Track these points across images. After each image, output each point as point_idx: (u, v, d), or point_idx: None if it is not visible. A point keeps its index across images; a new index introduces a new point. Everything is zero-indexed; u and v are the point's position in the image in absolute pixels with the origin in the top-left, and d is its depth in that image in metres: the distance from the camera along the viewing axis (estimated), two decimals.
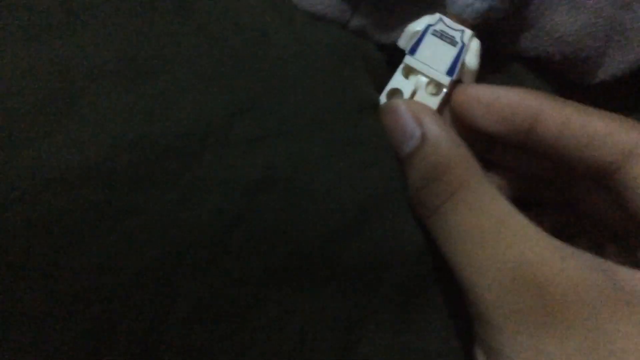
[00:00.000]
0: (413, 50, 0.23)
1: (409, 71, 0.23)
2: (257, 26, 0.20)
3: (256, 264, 0.18)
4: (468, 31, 0.22)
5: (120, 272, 0.16)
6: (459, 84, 0.22)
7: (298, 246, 0.18)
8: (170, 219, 0.16)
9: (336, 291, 0.19)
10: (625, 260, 0.21)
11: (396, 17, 0.24)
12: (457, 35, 0.22)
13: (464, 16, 0.22)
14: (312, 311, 0.19)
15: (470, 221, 0.19)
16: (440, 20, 0.22)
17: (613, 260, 0.20)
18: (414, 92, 0.23)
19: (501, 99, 0.21)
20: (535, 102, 0.20)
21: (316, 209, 0.19)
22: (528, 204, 0.25)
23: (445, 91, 0.22)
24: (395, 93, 0.23)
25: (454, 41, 0.22)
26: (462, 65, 0.22)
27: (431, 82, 0.22)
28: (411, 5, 0.22)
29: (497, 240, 0.18)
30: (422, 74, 0.22)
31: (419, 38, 0.22)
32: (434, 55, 0.22)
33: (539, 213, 0.24)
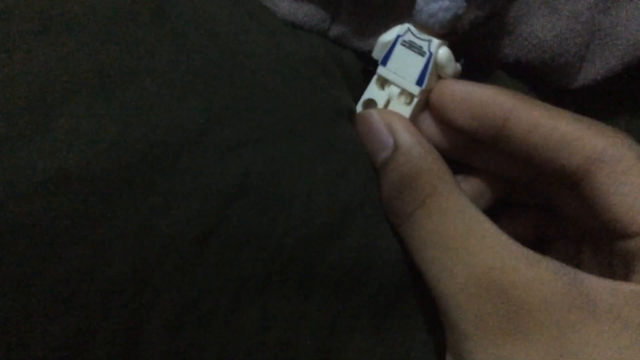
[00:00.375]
0: (385, 61, 0.23)
1: (382, 81, 0.23)
2: (235, 36, 0.20)
3: (234, 270, 0.18)
4: (435, 40, 0.22)
5: (97, 278, 0.16)
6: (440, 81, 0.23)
7: (275, 253, 0.18)
8: (146, 226, 0.16)
9: (316, 298, 0.19)
10: (601, 261, 0.21)
11: (374, 25, 0.24)
12: (424, 45, 0.22)
13: (429, 26, 0.22)
14: (293, 318, 0.19)
15: (439, 228, 0.19)
16: (409, 31, 0.22)
17: (590, 262, 0.21)
18: (388, 102, 0.23)
19: (474, 96, 0.21)
20: (507, 101, 0.20)
21: (293, 216, 0.19)
22: (509, 206, 0.25)
23: (416, 100, 0.22)
24: (370, 103, 0.23)
25: (421, 51, 0.22)
26: (436, 73, 0.22)
27: (403, 91, 0.23)
28: (388, 12, 0.22)
29: (465, 247, 0.18)
30: (394, 84, 0.23)
31: (390, 49, 0.23)
32: (404, 65, 0.22)
33: (519, 215, 0.25)
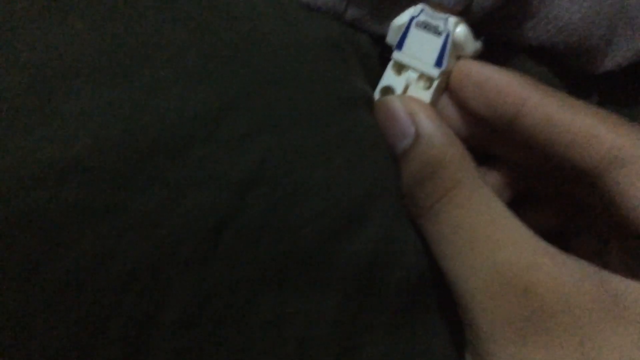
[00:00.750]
0: (400, 45, 0.22)
1: (399, 67, 0.22)
2: (250, 18, 0.19)
3: (249, 264, 0.17)
4: (452, 18, 0.21)
5: (107, 270, 0.16)
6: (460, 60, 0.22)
7: (292, 246, 0.18)
8: (156, 217, 0.16)
9: (335, 294, 0.18)
10: (628, 258, 0.20)
11: (391, 7, 0.23)
12: (440, 24, 0.21)
13: (443, 3, 0.21)
14: (311, 315, 0.18)
15: (462, 221, 0.18)
16: (423, 11, 0.21)
17: (617, 258, 0.20)
18: (406, 88, 0.22)
19: (490, 81, 0.20)
20: (522, 90, 0.19)
21: (310, 206, 0.18)
22: (532, 195, 0.24)
23: (436, 83, 0.21)
24: (388, 91, 0.22)
25: (438, 30, 0.21)
26: (456, 52, 0.21)
27: (422, 75, 0.22)
28: None
29: (489, 242, 0.18)
30: (412, 68, 0.22)
31: (404, 32, 0.22)
32: (420, 47, 0.21)
33: (542, 205, 0.24)
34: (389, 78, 0.22)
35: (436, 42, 0.21)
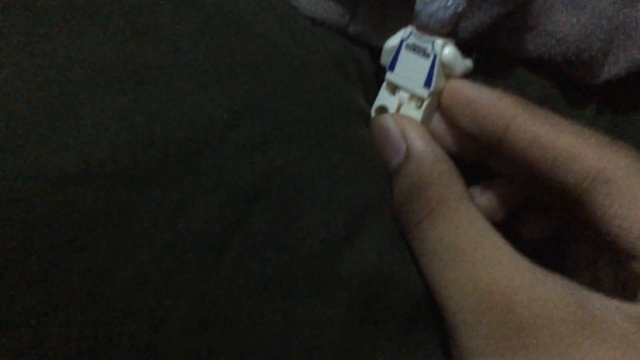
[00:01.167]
0: (392, 66, 0.23)
1: (392, 87, 0.23)
2: (260, 32, 0.20)
3: (257, 270, 0.18)
4: (439, 40, 0.22)
5: (118, 274, 0.16)
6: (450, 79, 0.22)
7: (298, 254, 0.18)
8: (168, 221, 0.16)
9: (341, 303, 0.19)
10: (617, 272, 0.21)
11: (393, 22, 0.24)
12: (428, 47, 0.22)
13: (429, 27, 0.22)
14: (318, 323, 0.18)
15: (446, 240, 0.19)
16: (412, 34, 0.22)
17: (606, 270, 0.20)
18: (399, 107, 0.23)
19: (476, 101, 0.21)
20: (508, 109, 0.20)
21: (313, 216, 0.18)
22: (529, 204, 0.25)
23: (427, 103, 0.22)
24: (382, 110, 0.23)
25: (426, 52, 0.22)
26: (445, 72, 0.22)
27: (413, 96, 0.22)
28: (407, 10, 0.22)
29: (471, 261, 0.18)
30: (403, 88, 0.23)
31: (395, 54, 0.23)
32: (410, 69, 0.22)
33: (538, 214, 0.24)
34: (383, 98, 0.23)
35: (425, 64, 0.22)
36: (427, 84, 0.22)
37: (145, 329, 0.16)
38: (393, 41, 0.23)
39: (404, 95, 0.23)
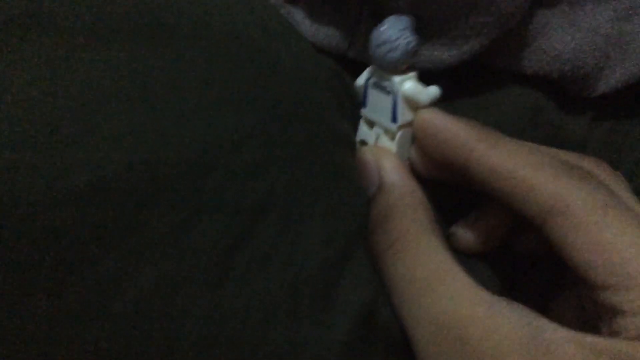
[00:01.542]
0: (364, 104, 0.24)
1: (369, 121, 0.24)
2: (269, 54, 0.21)
3: (261, 288, 0.18)
4: (395, 78, 0.22)
5: (127, 290, 0.16)
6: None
7: (300, 272, 0.19)
8: (175, 239, 0.17)
9: (342, 324, 0.19)
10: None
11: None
12: (387, 85, 0.23)
13: (383, 67, 0.22)
14: (322, 344, 0.19)
15: (406, 271, 0.19)
16: (374, 73, 0.23)
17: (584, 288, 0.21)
18: (377, 139, 0.24)
19: (440, 133, 0.21)
20: (469, 142, 0.20)
21: (313, 236, 0.19)
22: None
23: (399, 135, 0.23)
24: (364, 143, 0.24)
25: (387, 90, 0.23)
26: (411, 105, 0.23)
27: (386, 129, 0.23)
28: None
29: (429, 293, 0.18)
30: (376, 123, 0.24)
31: (364, 92, 0.24)
32: (378, 105, 0.23)
33: (528, 232, 0.25)
34: (362, 132, 0.24)
35: (388, 101, 0.23)
36: (394, 120, 0.23)
37: (154, 344, 0.17)
38: (360, 81, 0.24)
39: (378, 129, 0.24)
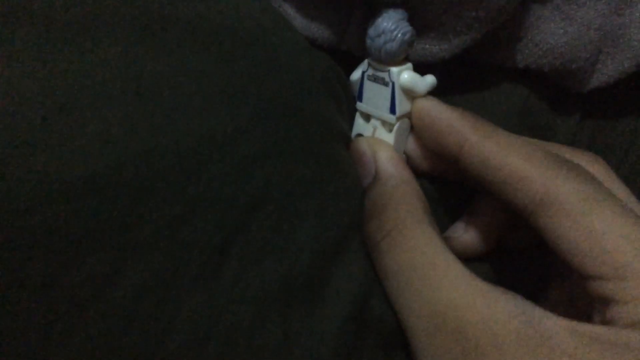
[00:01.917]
0: (360, 97, 0.24)
1: (365, 115, 0.24)
2: (266, 47, 0.21)
3: (255, 282, 0.18)
4: (393, 69, 0.23)
5: (119, 285, 0.16)
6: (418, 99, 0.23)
7: (294, 265, 0.19)
8: (170, 231, 0.17)
9: (334, 316, 0.19)
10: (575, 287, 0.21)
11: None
12: (385, 76, 0.23)
13: (381, 59, 0.23)
14: (316, 336, 0.19)
15: (402, 261, 0.19)
16: (370, 65, 0.23)
17: (576, 279, 0.21)
18: (374, 132, 0.24)
19: (435, 122, 0.21)
20: (462, 131, 0.20)
21: (307, 230, 0.19)
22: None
23: (397, 126, 0.23)
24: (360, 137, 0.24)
25: (384, 82, 0.23)
26: (409, 95, 0.23)
27: (383, 121, 0.23)
28: None
29: (425, 282, 0.18)
30: (374, 116, 0.24)
31: (360, 85, 0.24)
32: (375, 97, 0.23)
33: (520, 226, 0.24)
34: (359, 126, 0.24)
35: (386, 92, 0.23)
36: (392, 111, 0.23)
37: (147, 339, 0.17)
38: (355, 75, 0.24)
39: (375, 122, 0.24)
